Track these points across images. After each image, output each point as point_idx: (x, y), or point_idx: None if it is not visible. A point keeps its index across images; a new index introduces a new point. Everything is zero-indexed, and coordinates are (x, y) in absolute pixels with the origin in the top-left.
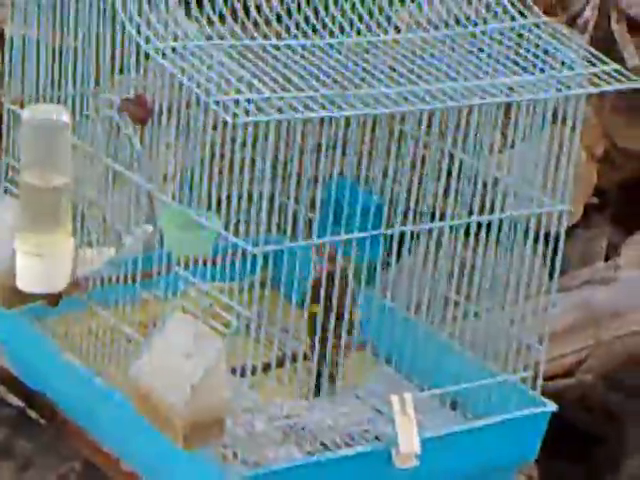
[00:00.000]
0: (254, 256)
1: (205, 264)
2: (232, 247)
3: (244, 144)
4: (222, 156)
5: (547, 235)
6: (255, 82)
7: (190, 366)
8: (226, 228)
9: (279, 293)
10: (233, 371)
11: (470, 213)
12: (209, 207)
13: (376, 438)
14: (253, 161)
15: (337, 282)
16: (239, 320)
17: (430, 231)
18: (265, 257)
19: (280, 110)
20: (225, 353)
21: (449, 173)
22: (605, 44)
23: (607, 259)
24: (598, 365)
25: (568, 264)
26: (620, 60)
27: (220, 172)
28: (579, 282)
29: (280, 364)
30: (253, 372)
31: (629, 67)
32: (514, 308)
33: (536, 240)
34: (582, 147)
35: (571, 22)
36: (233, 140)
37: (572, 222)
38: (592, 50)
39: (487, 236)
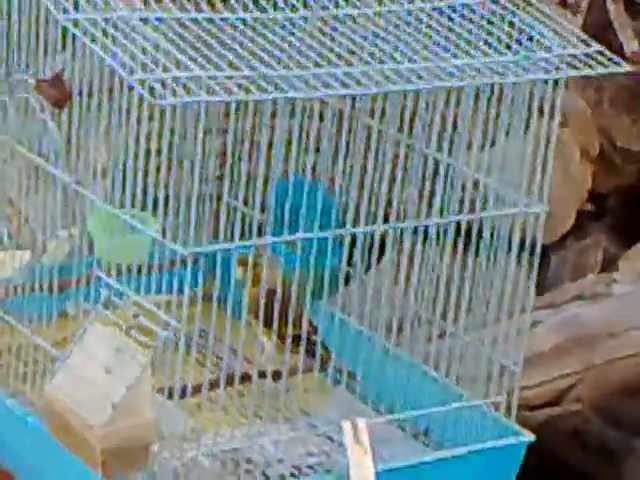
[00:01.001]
0: (196, 265)
1: (139, 273)
2: (170, 254)
3: (184, 136)
4: (159, 151)
5: (533, 245)
6: (186, 60)
7: (111, 383)
8: (163, 233)
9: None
10: (169, 392)
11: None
12: (144, 208)
13: (327, 471)
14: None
15: (277, 294)
16: (168, 332)
17: (401, 235)
18: (210, 266)
19: (211, 91)
20: (151, 369)
21: (422, 173)
22: (602, 27)
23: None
24: (589, 392)
25: (558, 278)
26: (619, 46)
27: (158, 169)
28: (569, 297)
29: (227, 384)
30: (192, 393)
31: (627, 53)
32: (495, 327)
33: (519, 249)
34: (575, 145)
35: (563, 2)
36: (172, 132)
37: (563, 230)
38: (578, 32)
39: (465, 246)
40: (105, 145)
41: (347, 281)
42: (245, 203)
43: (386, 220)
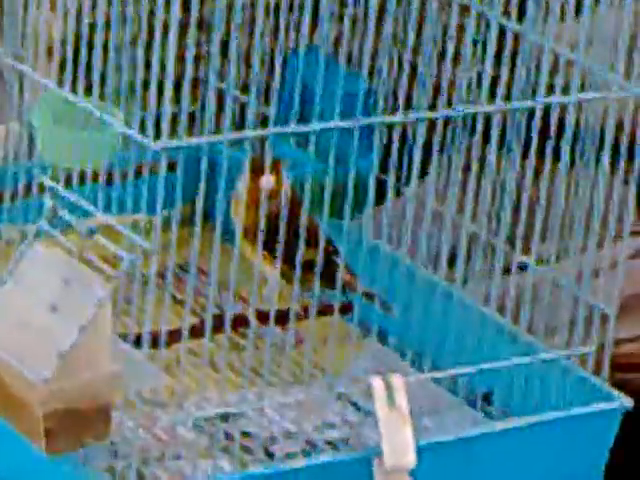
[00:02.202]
0: (172, 171)
1: (96, 181)
2: (137, 157)
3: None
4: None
5: (632, 144)
6: None
7: (57, 325)
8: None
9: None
10: (135, 339)
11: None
12: (102, 97)
13: (351, 448)
14: (183, 27)
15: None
16: (135, 256)
17: (453, 131)
18: (191, 172)
19: None
20: (112, 308)
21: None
22: None
23: None
24: None
25: None
26: None
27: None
28: None
29: (214, 331)
30: (167, 341)
31: None
32: (580, 257)
33: (614, 153)
34: None
35: None
36: None
37: None
38: None
39: (540, 146)
40: (52, 13)
41: (380, 194)
42: (242, 89)
43: (433, 107)
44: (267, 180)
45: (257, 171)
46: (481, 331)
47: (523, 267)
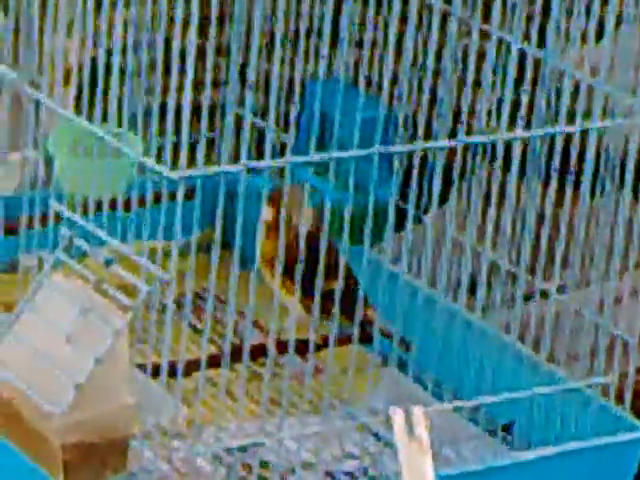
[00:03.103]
0: (190, 200)
1: (113, 209)
2: (154, 183)
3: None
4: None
5: None
6: None
7: (74, 356)
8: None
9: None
10: (153, 370)
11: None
12: (120, 124)
13: (370, 478)
14: (200, 52)
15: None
16: (153, 287)
17: (473, 158)
18: (210, 201)
19: None
20: (129, 338)
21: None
22: None
23: None
24: None
25: None
26: None
27: (137, 72)
28: None
29: (232, 360)
30: (185, 371)
31: None
32: (602, 285)
33: (637, 179)
34: None
35: None
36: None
37: None
38: None
39: (561, 174)
40: (69, 40)
41: (400, 222)
42: (261, 116)
43: (453, 135)
44: (264, 212)
45: (273, 201)
46: (501, 360)
47: (544, 295)
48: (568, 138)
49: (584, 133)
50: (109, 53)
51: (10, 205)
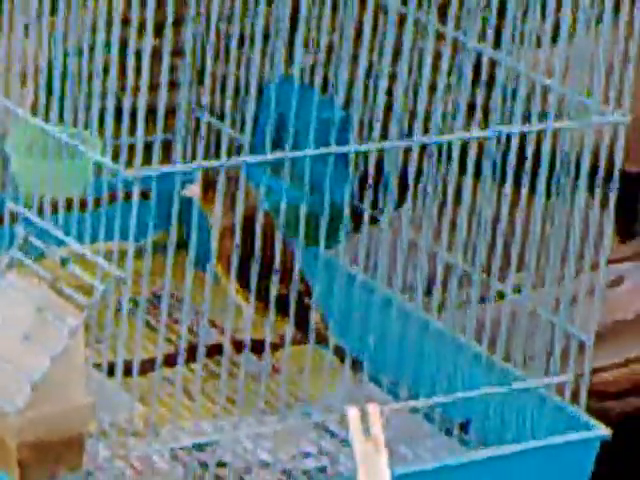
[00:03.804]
0: (146, 200)
1: (69, 210)
2: (110, 184)
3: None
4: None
5: (610, 170)
6: None
7: (29, 354)
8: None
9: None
10: (109, 368)
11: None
12: (75, 124)
13: (327, 477)
14: (157, 53)
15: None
16: (108, 285)
17: (430, 156)
18: (165, 201)
19: None
20: (85, 337)
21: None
22: None
23: None
24: None
25: None
26: None
27: (105, 70)
28: None
29: (188, 359)
30: (141, 370)
31: None
32: (559, 285)
33: (592, 180)
34: None
35: None
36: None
37: None
38: None
39: (516, 174)
40: (25, 40)
41: (356, 223)
42: (219, 116)
43: (409, 136)
44: (191, 190)
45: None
46: (457, 360)
47: (500, 296)
48: (523, 139)
49: (539, 134)
50: (65, 55)
51: None
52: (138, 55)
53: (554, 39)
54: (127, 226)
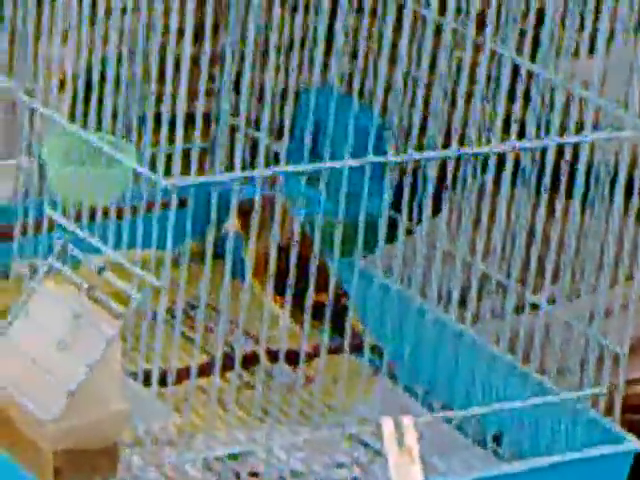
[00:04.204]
0: (183, 208)
1: (106, 217)
2: (148, 194)
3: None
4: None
5: None
6: None
7: (66, 363)
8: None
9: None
10: (144, 377)
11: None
12: (113, 132)
13: None
14: (194, 61)
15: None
16: (145, 294)
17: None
18: (202, 211)
19: None
20: (121, 346)
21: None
22: None
23: None
24: None
25: None
26: None
27: (145, 76)
28: None
29: (223, 369)
30: (176, 379)
31: None
32: (593, 297)
33: (628, 192)
34: None
35: None
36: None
37: None
38: None
39: (552, 186)
40: (64, 48)
41: (391, 234)
42: (255, 125)
43: (446, 146)
44: (230, 225)
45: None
46: (492, 371)
47: (534, 307)
48: (560, 151)
49: (576, 146)
50: (104, 62)
51: (4, 212)
52: (177, 62)
53: (591, 50)
54: (164, 234)
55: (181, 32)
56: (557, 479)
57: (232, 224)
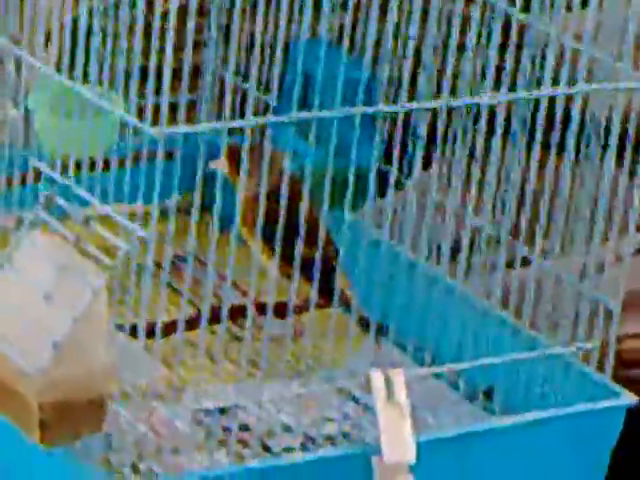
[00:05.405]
0: (170, 160)
1: (92, 170)
2: (134, 144)
3: None
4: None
5: (638, 139)
6: None
7: (52, 314)
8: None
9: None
10: (131, 330)
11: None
12: (100, 83)
13: (350, 442)
14: (183, 12)
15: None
16: (132, 244)
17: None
18: (190, 162)
19: None
20: (108, 297)
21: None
22: None
23: None
24: None
25: None
26: None
27: (130, 29)
28: None
29: (211, 321)
30: (163, 332)
31: None
32: (585, 251)
33: (621, 145)
34: None
35: None
36: None
37: None
38: None
39: (544, 138)
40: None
41: (382, 186)
42: (243, 76)
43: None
44: (217, 163)
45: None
46: (483, 326)
47: (526, 261)
48: (552, 103)
49: (569, 98)
50: (90, 13)
51: None
52: (164, 14)
53: (584, 3)
54: (151, 187)
55: None
56: (549, 434)
57: (221, 161)
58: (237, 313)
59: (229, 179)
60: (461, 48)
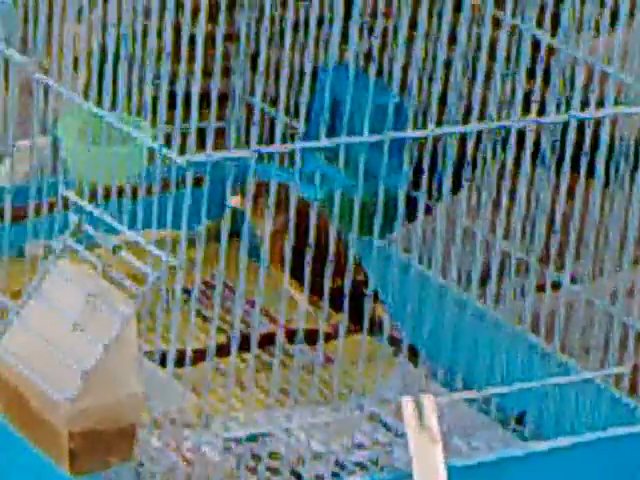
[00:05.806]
0: (199, 187)
1: (120, 196)
2: (164, 171)
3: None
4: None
5: None
6: None
7: (81, 343)
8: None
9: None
10: (161, 358)
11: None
12: (128, 111)
13: (381, 468)
14: (211, 39)
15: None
16: (161, 273)
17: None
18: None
19: None
20: (137, 326)
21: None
22: None
23: None
24: None
25: None
26: None
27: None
28: None
29: (241, 349)
30: (193, 360)
31: None
32: (615, 275)
33: None
34: None
35: None
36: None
37: None
38: None
39: (573, 162)
40: (78, 26)
41: (411, 212)
42: (272, 103)
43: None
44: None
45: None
46: (514, 351)
47: (557, 286)
48: (581, 126)
49: (598, 122)
50: (118, 40)
51: (18, 192)
52: (192, 40)
53: (612, 25)
54: (179, 214)
55: (196, 9)
56: (580, 459)
57: (233, 198)
58: (266, 341)
59: (251, 221)
60: (489, 72)
